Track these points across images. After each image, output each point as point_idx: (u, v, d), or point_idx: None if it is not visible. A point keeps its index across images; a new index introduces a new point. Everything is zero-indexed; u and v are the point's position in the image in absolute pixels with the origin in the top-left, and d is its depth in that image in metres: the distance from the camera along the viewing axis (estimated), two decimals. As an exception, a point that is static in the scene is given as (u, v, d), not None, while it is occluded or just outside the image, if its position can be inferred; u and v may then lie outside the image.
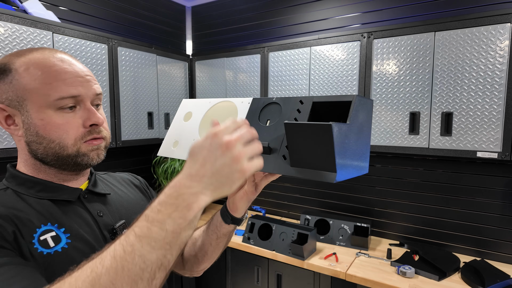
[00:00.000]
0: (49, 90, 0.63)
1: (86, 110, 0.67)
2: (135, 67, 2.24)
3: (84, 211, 0.70)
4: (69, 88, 0.64)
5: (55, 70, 0.64)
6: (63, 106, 0.64)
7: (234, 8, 2.83)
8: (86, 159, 0.68)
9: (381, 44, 1.90)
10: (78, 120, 0.66)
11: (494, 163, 1.90)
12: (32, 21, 1.67)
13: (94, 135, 0.68)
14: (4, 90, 0.64)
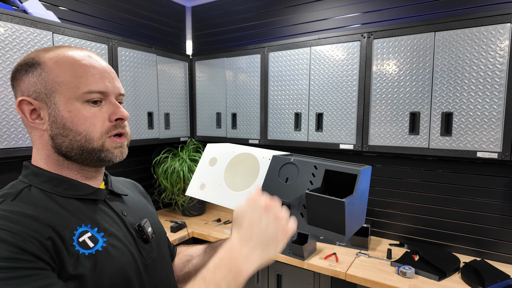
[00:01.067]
0: (79, 83, 0.64)
1: (111, 105, 0.67)
2: (135, 67, 2.24)
3: (109, 210, 0.71)
4: (97, 83, 0.65)
5: (85, 64, 0.65)
6: (90, 99, 0.64)
7: (234, 8, 2.83)
8: (109, 156, 0.67)
9: (381, 44, 1.90)
10: (104, 114, 0.66)
11: (494, 163, 1.90)
12: (32, 21, 1.67)
13: (119, 130, 0.68)
14: (32, 83, 0.64)
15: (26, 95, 0.65)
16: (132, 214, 0.76)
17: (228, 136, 2.57)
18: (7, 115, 1.59)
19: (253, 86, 2.40)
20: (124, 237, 0.69)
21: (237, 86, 2.49)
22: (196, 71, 2.73)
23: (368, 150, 1.99)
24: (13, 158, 1.76)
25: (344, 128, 2.06)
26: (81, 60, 0.65)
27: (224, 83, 2.56)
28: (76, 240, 0.60)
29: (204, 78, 2.69)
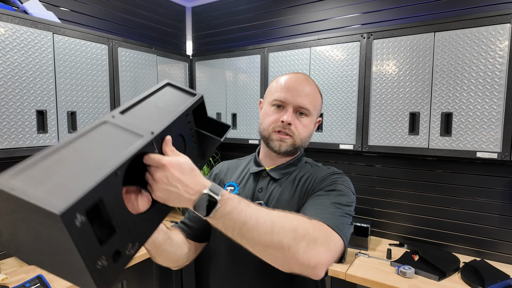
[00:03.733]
0: (274, 93, 0.97)
1: (286, 111, 0.94)
2: (135, 67, 2.25)
3: (254, 182, 1.01)
4: (281, 95, 0.94)
5: (284, 83, 0.96)
6: (274, 104, 0.96)
7: (234, 8, 2.84)
8: (271, 144, 0.96)
9: (381, 45, 1.90)
10: (278, 115, 0.95)
11: (494, 163, 1.90)
12: (33, 21, 1.67)
13: (280, 129, 0.94)
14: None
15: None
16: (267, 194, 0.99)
17: (228, 136, 2.57)
18: (7, 115, 1.60)
19: (253, 86, 2.41)
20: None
21: (237, 86, 2.49)
22: (196, 71, 2.73)
23: (368, 150, 2.00)
24: (13, 159, 1.76)
25: (344, 128, 2.06)
26: (284, 80, 0.99)
27: (224, 83, 2.56)
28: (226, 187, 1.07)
29: (204, 79, 2.69)
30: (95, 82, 1.98)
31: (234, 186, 1.03)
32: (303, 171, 1.00)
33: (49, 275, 1.68)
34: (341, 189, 0.87)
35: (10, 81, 1.60)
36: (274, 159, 1.01)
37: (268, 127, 0.96)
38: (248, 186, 1.01)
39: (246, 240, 0.62)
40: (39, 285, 1.53)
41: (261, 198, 0.97)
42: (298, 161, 1.03)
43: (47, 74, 1.75)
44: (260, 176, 1.02)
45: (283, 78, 0.99)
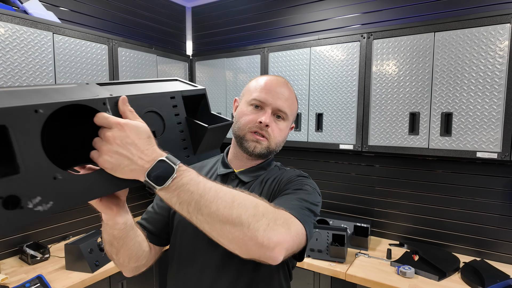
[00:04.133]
0: (253, 92, 0.95)
1: (264, 113, 0.92)
2: (135, 67, 2.25)
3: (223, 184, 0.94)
4: (260, 95, 0.93)
5: (264, 83, 0.95)
6: (252, 104, 0.94)
7: (234, 8, 2.84)
8: (246, 144, 0.93)
9: (381, 45, 1.90)
10: (256, 116, 0.93)
11: (494, 163, 1.90)
12: (33, 21, 1.67)
13: (257, 130, 0.92)
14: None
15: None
16: None
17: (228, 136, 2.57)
18: (8, 115, 1.60)
19: (253, 86, 2.40)
20: None
21: (237, 86, 2.49)
22: (196, 71, 2.73)
23: (368, 150, 2.00)
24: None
25: (344, 128, 2.06)
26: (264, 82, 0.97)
27: (224, 83, 2.56)
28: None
29: (204, 79, 2.69)
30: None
31: None
32: (271, 174, 0.98)
33: (49, 275, 1.68)
34: (307, 189, 0.86)
35: (10, 81, 1.60)
36: (244, 161, 0.98)
37: (243, 127, 0.93)
38: None
39: (202, 216, 0.57)
40: (39, 285, 1.53)
41: None
42: (268, 164, 1.00)
43: (47, 74, 1.75)
44: (228, 178, 0.97)
45: (263, 78, 0.97)
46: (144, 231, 0.94)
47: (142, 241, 0.88)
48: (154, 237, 0.97)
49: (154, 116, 0.61)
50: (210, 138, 0.69)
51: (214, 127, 0.67)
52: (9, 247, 1.91)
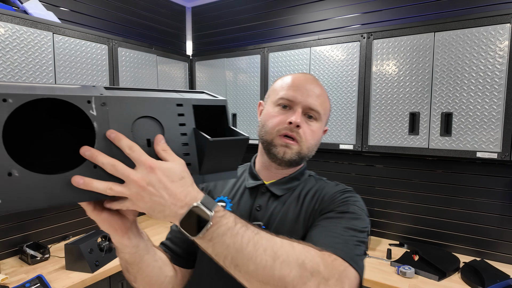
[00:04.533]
0: (280, 91, 0.84)
1: (293, 112, 0.81)
2: (135, 67, 2.25)
3: (250, 199, 0.86)
4: (288, 93, 0.82)
5: (292, 81, 0.85)
6: (279, 103, 0.83)
7: (234, 8, 2.84)
8: (274, 150, 0.81)
9: (381, 45, 1.90)
10: (284, 117, 0.81)
11: (494, 163, 1.90)
12: (33, 21, 1.67)
13: (286, 132, 0.80)
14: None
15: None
16: (265, 212, 0.85)
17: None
18: (8, 115, 1.60)
19: (253, 86, 2.41)
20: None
21: (237, 86, 2.49)
22: (196, 71, 2.73)
23: (368, 150, 2.00)
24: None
25: (344, 128, 2.06)
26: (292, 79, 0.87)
27: (224, 83, 2.56)
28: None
29: (204, 79, 2.69)
30: (95, 82, 1.98)
31: (226, 202, 0.88)
32: (308, 186, 0.86)
33: (49, 275, 1.68)
34: (354, 211, 0.74)
35: (10, 81, 1.60)
36: (273, 171, 0.87)
37: (271, 130, 0.81)
38: (244, 203, 0.86)
39: (240, 272, 0.51)
40: (39, 285, 1.53)
41: (260, 219, 0.82)
42: (301, 174, 0.89)
43: (47, 74, 1.75)
44: (258, 191, 0.86)
45: (290, 76, 0.87)
46: (168, 252, 0.86)
47: (164, 265, 0.79)
48: (180, 259, 0.87)
49: (150, 122, 0.53)
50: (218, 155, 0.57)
51: (219, 141, 0.55)
52: (9, 247, 1.91)
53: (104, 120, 0.47)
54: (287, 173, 0.87)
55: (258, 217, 0.82)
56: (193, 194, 0.50)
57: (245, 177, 0.91)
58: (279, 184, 0.86)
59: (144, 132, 0.51)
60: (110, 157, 0.46)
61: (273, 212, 0.82)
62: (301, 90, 0.82)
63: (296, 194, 0.84)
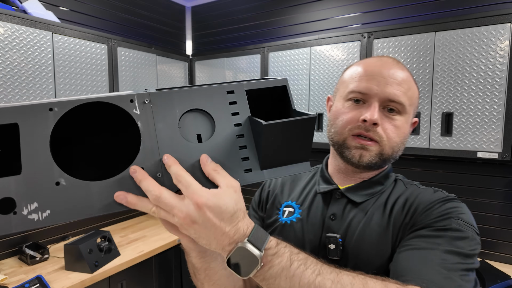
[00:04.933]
0: (349, 83, 0.70)
1: (368, 107, 0.67)
2: (135, 67, 2.24)
3: (323, 205, 0.74)
4: (360, 84, 0.68)
5: (364, 68, 0.70)
6: (350, 98, 0.69)
7: (234, 8, 2.83)
8: (348, 153, 0.68)
9: (381, 44, 1.90)
10: (357, 113, 0.68)
11: (495, 164, 1.90)
12: (32, 21, 1.67)
13: (361, 131, 0.66)
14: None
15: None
16: (342, 223, 0.71)
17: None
18: (7, 115, 1.59)
19: (253, 86, 2.40)
20: (312, 232, 0.73)
21: (237, 86, 2.49)
22: (196, 71, 2.73)
23: (368, 150, 1.99)
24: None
25: (344, 128, 2.06)
26: (365, 66, 0.71)
27: (224, 83, 2.56)
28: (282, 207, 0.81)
29: (204, 78, 2.68)
30: (94, 82, 1.98)
31: (294, 208, 0.77)
32: (396, 193, 0.71)
33: (49, 275, 1.67)
34: (458, 227, 0.57)
35: (9, 81, 1.59)
36: (350, 174, 0.73)
37: (342, 130, 0.69)
38: (315, 210, 0.74)
39: None
40: (38, 285, 1.52)
41: (335, 229, 0.69)
42: (385, 177, 0.74)
43: (47, 74, 1.74)
44: (331, 197, 0.74)
45: (361, 63, 0.72)
46: None
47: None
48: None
49: (199, 116, 0.48)
50: (280, 143, 0.48)
51: (277, 124, 0.45)
52: (9, 247, 1.91)
53: (148, 118, 0.45)
54: (367, 176, 0.73)
55: (332, 227, 0.69)
56: (243, 230, 0.44)
57: (317, 180, 0.79)
58: (357, 189, 0.72)
59: (193, 128, 0.47)
60: (156, 185, 0.42)
61: (351, 222, 0.68)
62: (377, 79, 0.66)
63: (382, 202, 0.69)
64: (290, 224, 0.75)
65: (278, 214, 0.79)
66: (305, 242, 0.71)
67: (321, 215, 0.72)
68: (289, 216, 0.76)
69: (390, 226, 0.65)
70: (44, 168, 0.41)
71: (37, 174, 0.41)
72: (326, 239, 0.68)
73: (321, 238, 0.70)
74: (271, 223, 0.79)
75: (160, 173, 0.45)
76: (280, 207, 0.79)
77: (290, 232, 0.74)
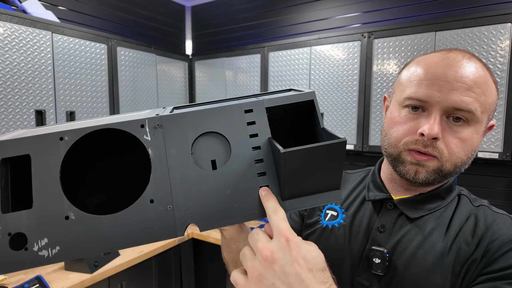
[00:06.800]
0: (406, 87, 0.60)
1: (428, 117, 0.57)
2: (135, 67, 2.24)
3: (374, 215, 0.67)
4: (419, 90, 0.57)
5: (424, 69, 0.59)
6: (407, 105, 0.60)
7: (234, 8, 2.83)
8: (402, 168, 0.60)
9: (381, 44, 1.89)
10: (415, 124, 0.58)
11: (495, 164, 1.90)
12: (32, 21, 1.66)
13: (418, 147, 0.57)
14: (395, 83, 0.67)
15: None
16: (391, 237, 0.64)
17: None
18: (6, 115, 1.59)
19: (253, 86, 2.40)
20: (355, 242, 0.68)
21: (237, 86, 2.48)
22: (195, 71, 2.72)
23: (369, 151, 1.99)
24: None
25: (344, 128, 2.05)
26: (427, 65, 0.60)
27: (224, 83, 2.56)
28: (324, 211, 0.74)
29: (204, 78, 2.68)
30: (94, 81, 1.97)
31: (338, 212, 0.72)
32: (461, 213, 0.62)
33: (48, 275, 1.67)
34: None
35: (9, 80, 1.59)
36: (404, 185, 0.66)
37: (397, 143, 0.60)
38: (361, 218, 0.68)
39: None
40: (38, 285, 1.52)
41: (382, 243, 0.63)
42: (447, 191, 0.65)
43: (46, 74, 1.74)
44: (382, 207, 0.67)
45: (423, 60, 0.60)
46: None
47: None
48: None
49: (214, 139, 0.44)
50: (303, 172, 0.42)
51: (297, 152, 0.39)
52: (8, 247, 1.90)
53: (159, 144, 0.42)
54: (425, 189, 0.64)
55: (379, 240, 0.63)
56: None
57: (366, 185, 0.72)
58: (413, 202, 0.64)
59: (207, 152, 0.43)
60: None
61: (402, 238, 0.61)
62: (439, 83, 0.55)
63: (444, 222, 0.61)
64: (332, 228, 0.71)
65: (320, 216, 0.75)
66: (346, 251, 0.67)
67: (368, 224, 0.66)
68: (331, 220, 0.72)
69: (452, 254, 0.57)
70: (54, 201, 0.40)
71: (48, 207, 0.40)
72: (372, 251, 0.62)
73: (364, 249, 0.64)
74: (311, 224, 0.76)
75: (171, 205, 0.42)
76: (323, 208, 0.75)
77: (331, 237, 0.70)
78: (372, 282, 0.62)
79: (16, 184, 0.42)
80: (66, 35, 1.82)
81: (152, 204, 0.41)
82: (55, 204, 0.40)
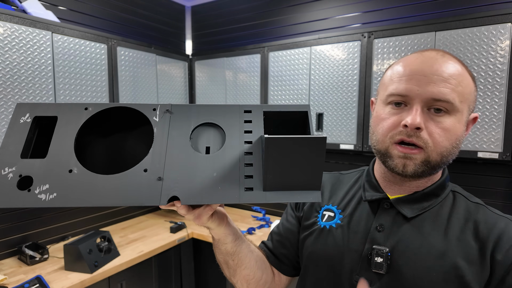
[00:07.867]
0: (388, 85, 0.65)
1: (410, 109, 0.60)
2: (135, 67, 2.24)
3: (371, 214, 0.69)
4: (399, 86, 0.62)
5: (403, 67, 0.64)
6: (390, 101, 0.64)
7: (234, 7, 2.83)
8: (390, 163, 0.62)
9: (381, 44, 1.89)
10: (398, 118, 0.62)
11: (495, 164, 1.90)
12: (32, 21, 1.66)
13: (402, 137, 0.60)
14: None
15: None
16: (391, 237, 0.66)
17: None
18: (6, 115, 1.59)
19: (253, 86, 2.40)
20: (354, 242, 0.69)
21: (237, 86, 2.48)
22: (195, 71, 2.72)
23: (369, 151, 1.99)
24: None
25: (344, 128, 2.05)
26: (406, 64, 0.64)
27: (224, 83, 2.56)
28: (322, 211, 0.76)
29: (204, 78, 2.68)
30: (94, 81, 1.97)
31: (335, 213, 0.73)
32: (459, 212, 0.65)
33: (48, 275, 1.67)
34: None
35: (9, 80, 1.59)
36: (398, 183, 0.68)
37: (383, 138, 0.63)
38: (358, 218, 0.70)
39: None
40: (38, 285, 1.52)
41: (382, 242, 0.64)
42: (441, 188, 0.70)
43: (46, 74, 1.74)
44: (379, 207, 0.68)
45: (402, 60, 0.66)
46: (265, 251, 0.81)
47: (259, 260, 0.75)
48: (275, 260, 0.80)
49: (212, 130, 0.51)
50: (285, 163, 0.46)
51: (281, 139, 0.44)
52: (8, 247, 1.90)
53: (165, 125, 0.51)
54: (419, 187, 0.67)
55: (379, 239, 0.65)
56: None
57: (361, 185, 0.74)
58: (409, 201, 0.66)
59: (204, 140, 0.51)
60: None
61: (402, 237, 0.63)
62: (417, 78, 0.60)
63: (442, 221, 0.63)
64: (329, 229, 0.72)
65: (317, 217, 0.76)
66: (345, 250, 0.68)
67: (366, 224, 0.68)
68: (328, 221, 0.73)
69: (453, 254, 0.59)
70: (64, 155, 0.48)
71: (58, 159, 0.48)
72: (373, 251, 0.64)
73: (364, 249, 0.66)
74: (308, 226, 0.77)
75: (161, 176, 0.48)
76: (320, 210, 0.76)
77: (329, 238, 0.71)
78: (372, 280, 0.64)
79: (38, 140, 0.52)
80: (66, 35, 1.82)
81: (145, 173, 0.48)
82: (64, 158, 0.48)
